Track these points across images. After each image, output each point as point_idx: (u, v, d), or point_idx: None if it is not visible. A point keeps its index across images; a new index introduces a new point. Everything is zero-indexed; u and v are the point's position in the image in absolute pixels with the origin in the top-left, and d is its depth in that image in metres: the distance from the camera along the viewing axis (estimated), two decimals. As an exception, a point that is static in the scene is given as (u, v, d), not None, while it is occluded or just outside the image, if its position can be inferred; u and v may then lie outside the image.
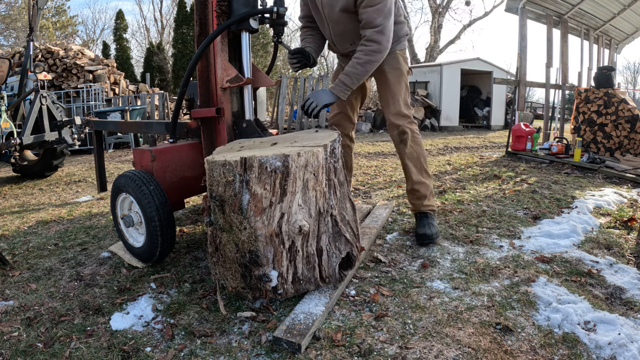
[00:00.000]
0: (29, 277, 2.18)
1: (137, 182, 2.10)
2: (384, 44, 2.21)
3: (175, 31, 19.94)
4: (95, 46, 28.20)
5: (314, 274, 1.80)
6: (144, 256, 2.22)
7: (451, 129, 12.09)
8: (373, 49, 2.20)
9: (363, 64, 2.21)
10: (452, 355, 1.48)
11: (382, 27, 2.19)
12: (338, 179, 1.88)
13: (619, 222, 2.91)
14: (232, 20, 2.13)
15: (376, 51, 2.21)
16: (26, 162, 5.15)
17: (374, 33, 2.19)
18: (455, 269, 2.17)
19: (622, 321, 1.65)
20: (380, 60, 2.25)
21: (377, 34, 2.19)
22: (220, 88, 2.20)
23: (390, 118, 2.49)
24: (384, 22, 2.19)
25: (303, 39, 2.60)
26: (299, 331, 1.56)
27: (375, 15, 2.18)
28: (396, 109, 2.47)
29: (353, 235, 1.95)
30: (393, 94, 2.49)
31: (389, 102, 2.50)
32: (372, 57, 2.21)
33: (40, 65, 6.94)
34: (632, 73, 35.00)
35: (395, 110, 2.47)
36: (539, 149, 6.01)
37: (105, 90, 9.64)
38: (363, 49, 2.22)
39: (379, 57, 2.23)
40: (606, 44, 8.49)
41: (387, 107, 2.51)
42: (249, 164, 1.57)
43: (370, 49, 2.20)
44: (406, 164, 2.54)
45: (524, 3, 6.35)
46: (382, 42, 2.20)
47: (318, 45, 2.58)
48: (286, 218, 1.66)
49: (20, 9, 21.14)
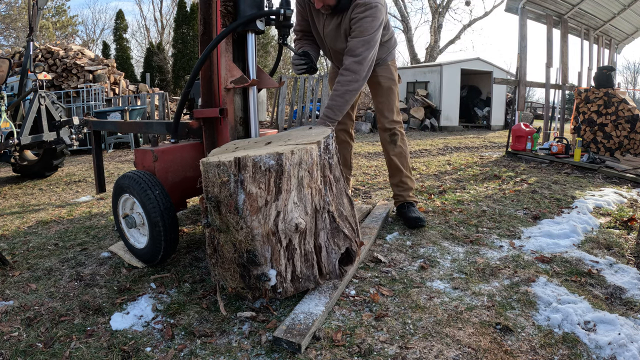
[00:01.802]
0: (29, 277, 2.18)
1: (142, 185, 2.08)
2: (360, 74, 2.36)
3: (175, 31, 19.94)
4: (95, 46, 28.21)
5: (313, 271, 1.80)
6: (145, 257, 2.22)
7: (451, 129, 12.09)
8: (349, 79, 2.34)
9: (342, 95, 2.35)
10: (452, 355, 1.48)
11: (362, 58, 2.34)
12: (334, 175, 1.88)
13: (619, 222, 2.91)
14: (238, 22, 2.13)
15: (352, 81, 2.35)
16: (26, 162, 5.14)
17: (353, 63, 2.34)
18: (455, 269, 2.17)
19: (622, 321, 1.65)
20: (358, 90, 2.40)
21: (355, 64, 2.34)
22: (224, 88, 2.20)
23: (384, 123, 2.77)
24: (364, 54, 2.34)
25: (300, 48, 2.65)
26: (299, 331, 1.56)
27: (359, 45, 2.34)
28: (391, 116, 2.76)
29: (352, 230, 1.95)
30: (387, 103, 2.76)
31: (383, 110, 2.77)
32: (349, 87, 2.35)
33: (40, 65, 6.93)
34: (632, 73, 35.01)
35: (390, 118, 2.76)
36: (539, 149, 6.01)
37: (105, 90, 9.64)
38: (340, 80, 2.37)
39: (355, 86, 2.37)
40: (606, 44, 8.49)
41: (382, 113, 2.78)
42: (243, 163, 1.57)
43: (347, 79, 2.34)
44: (393, 160, 2.83)
45: (524, 3, 6.35)
46: (359, 72, 2.35)
47: (316, 53, 2.68)
48: (282, 216, 1.66)
49: (20, 9, 21.13)
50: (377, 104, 2.82)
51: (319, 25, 2.56)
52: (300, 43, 2.70)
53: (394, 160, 2.84)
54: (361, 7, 2.32)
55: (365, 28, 2.33)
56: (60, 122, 4.75)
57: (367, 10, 2.32)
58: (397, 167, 2.85)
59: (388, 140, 2.79)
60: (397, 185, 2.91)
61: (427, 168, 5.19)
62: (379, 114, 2.80)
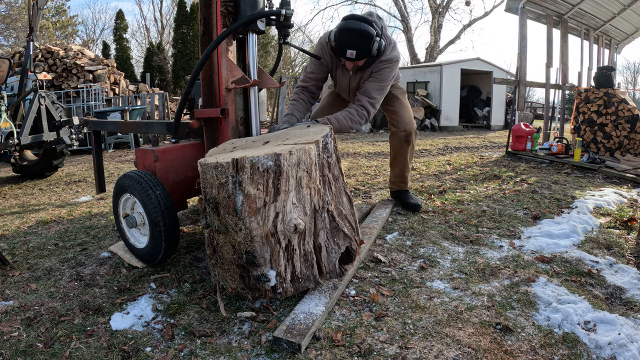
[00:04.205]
0: (29, 277, 2.18)
1: (143, 185, 2.08)
2: (370, 114, 2.64)
3: (175, 31, 19.94)
4: (95, 46, 28.20)
5: (313, 271, 1.80)
6: (145, 257, 2.22)
7: (451, 129, 12.09)
8: (363, 114, 2.59)
9: (352, 121, 2.55)
10: (452, 355, 1.48)
11: (376, 101, 2.63)
12: (332, 174, 1.88)
13: (619, 222, 2.91)
14: (239, 22, 2.13)
15: (364, 117, 2.61)
16: (26, 162, 5.15)
17: (368, 103, 2.61)
18: (455, 269, 2.17)
19: (622, 321, 1.65)
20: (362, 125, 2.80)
21: (369, 105, 2.60)
22: (225, 89, 2.20)
23: (405, 126, 3.03)
24: (378, 97, 2.64)
25: (294, 100, 2.79)
26: (299, 331, 1.56)
27: (376, 89, 2.63)
28: (409, 117, 3.04)
29: (351, 228, 1.95)
30: (403, 105, 3.05)
31: (400, 112, 3.05)
32: (361, 119, 2.60)
33: (40, 65, 6.93)
34: (632, 73, 35.00)
35: (408, 117, 3.05)
36: (539, 149, 6.01)
37: (105, 90, 9.64)
38: (357, 110, 2.58)
39: (363, 122, 2.64)
40: (606, 44, 8.49)
41: (399, 115, 3.04)
42: (241, 164, 1.57)
43: (362, 113, 2.59)
44: (405, 157, 3.10)
45: (524, 3, 6.34)
46: (371, 112, 2.63)
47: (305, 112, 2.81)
48: (281, 217, 1.66)
49: (20, 9, 21.13)
50: (393, 110, 3.06)
51: (344, 80, 2.83)
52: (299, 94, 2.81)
53: (406, 157, 3.09)
54: (385, 62, 2.62)
55: (384, 77, 2.65)
56: (60, 122, 4.75)
57: (389, 63, 2.63)
58: (405, 162, 3.11)
59: (404, 140, 3.03)
60: (398, 176, 3.19)
61: (427, 168, 5.19)
62: (397, 117, 3.05)
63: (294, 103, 2.76)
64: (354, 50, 2.43)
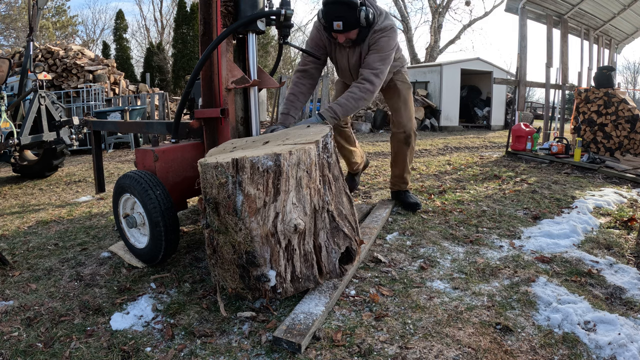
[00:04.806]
0: (29, 277, 2.18)
1: (143, 185, 2.07)
2: (376, 85, 2.53)
3: (175, 31, 19.92)
4: (95, 46, 28.19)
5: (313, 271, 1.80)
6: (146, 257, 2.22)
7: (451, 129, 12.09)
8: (367, 88, 2.50)
9: (356, 100, 2.49)
10: (452, 355, 1.48)
11: (379, 71, 2.53)
12: (332, 174, 1.88)
13: (619, 222, 2.91)
14: (239, 22, 2.13)
15: (369, 90, 2.51)
16: (26, 162, 5.14)
17: (371, 74, 2.52)
18: (455, 269, 2.17)
19: (622, 321, 1.65)
20: (370, 100, 2.55)
21: (373, 76, 2.52)
22: (225, 89, 2.20)
23: (404, 124, 2.97)
24: (381, 67, 2.54)
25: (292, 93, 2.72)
26: (299, 331, 1.56)
27: (377, 60, 2.55)
28: (409, 117, 2.99)
29: (351, 228, 1.95)
30: (405, 104, 3.00)
31: (401, 111, 2.99)
32: (365, 94, 2.50)
33: (40, 65, 6.93)
34: (632, 73, 34.93)
35: (408, 118, 2.98)
36: (539, 149, 6.01)
37: (105, 90, 9.64)
38: (359, 86, 2.51)
39: (370, 96, 2.53)
40: (606, 44, 8.49)
41: (400, 115, 2.99)
42: (241, 165, 1.57)
43: (365, 87, 2.50)
44: (404, 158, 3.08)
45: (524, 3, 6.34)
46: (375, 83, 2.53)
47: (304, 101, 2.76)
48: (281, 217, 1.66)
49: (20, 9, 21.13)
50: (395, 108, 3.03)
51: (342, 59, 2.78)
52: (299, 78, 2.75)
53: (405, 158, 3.09)
54: (379, 32, 2.56)
55: (382, 46, 2.56)
56: (60, 122, 4.75)
57: (384, 32, 2.56)
58: (404, 163, 3.11)
59: (403, 141, 3.01)
60: (399, 177, 3.19)
61: (427, 168, 5.19)
62: (397, 117, 3.01)
63: (291, 97, 2.71)
64: (340, 21, 2.43)
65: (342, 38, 2.56)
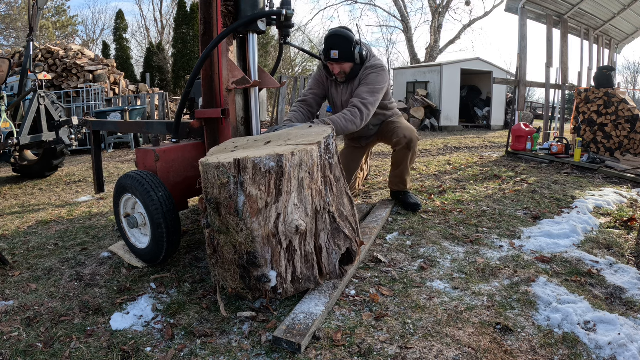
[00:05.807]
0: (29, 277, 2.18)
1: (144, 186, 2.07)
2: (364, 114, 2.67)
3: (175, 31, 19.92)
4: (95, 46, 28.18)
5: (313, 272, 1.80)
6: (147, 258, 2.22)
7: (451, 129, 12.08)
8: (356, 113, 2.65)
9: (347, 121, 2.60)
10: (452, 355, 1.48)
11: (367, 102, 2.69)
12: (334, 175, 1.88)
13: (619, 222, 2.90)
14: (239, 22, 2.13)
15: (357, 117, 2.64)
16: (26, 162, 5.14)
17: (359, 102, 2.69)
18: (455, 269, 2.17)
19: (622, 321, 1.65)
20: (359, 126, 2.67)
21: (361, 104, 2.68)
22: (226, 89, 2.20)
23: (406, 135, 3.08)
24: (369, 99, 2.71)
25: (294, 112, 2.95)
26: (299, 331, 1.56)
27: (366, 91, 2.75)
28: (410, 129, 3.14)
29: (352, 230, 1.95)
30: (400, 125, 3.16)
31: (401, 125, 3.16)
32: (355, 119, 2.63)
33: (40, 65, 6.94)
34: (632, 73, 34.89)
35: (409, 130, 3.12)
36: (539, 149, 6.01)
37: (105, 90, 9.64)
38: (350, 110, 2.68)
39: (358, 122, 2.65)
40: (606, 44, 8.49)
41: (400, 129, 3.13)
42: (243, 165, 1.56)
43: (354, 112, 2.65)
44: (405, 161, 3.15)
45: (524, 3, 6.34)
46: (364, 111, 2.66)
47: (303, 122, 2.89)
48: (282, 218, 1.65)
49: (20, 9, 21.13)
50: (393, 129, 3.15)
51: (337, 96, 3.02)
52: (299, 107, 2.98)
53: (406, 161, 3.14)
54: (370, 69, 2.82)
55: (372, 81, 2.78)
56: (60, 122, 4.75)
57: (374, 69, 2.81)
58: (405, 165, 3.16)
59: (405, 147, 3.09)
60: (398, 177, 3.23)
61: (427, 168, 5.19)
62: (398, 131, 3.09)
63: (294, 113, 2.92)
64: (337, 51, 2.71)
65: (337, 69, 2.81)
